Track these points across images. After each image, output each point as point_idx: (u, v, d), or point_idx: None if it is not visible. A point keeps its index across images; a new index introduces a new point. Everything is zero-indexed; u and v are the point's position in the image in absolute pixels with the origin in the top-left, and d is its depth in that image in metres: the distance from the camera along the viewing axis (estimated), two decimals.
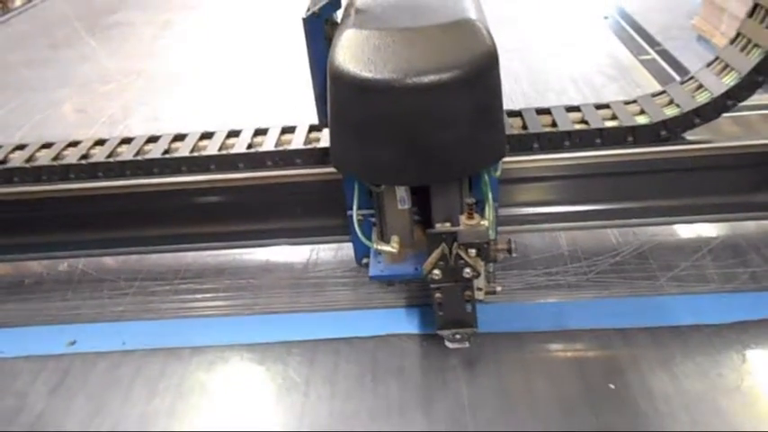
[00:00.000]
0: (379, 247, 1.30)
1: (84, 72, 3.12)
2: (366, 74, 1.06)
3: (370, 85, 1.05)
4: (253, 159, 1.42)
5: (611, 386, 1.21)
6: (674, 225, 1.54)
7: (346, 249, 1.65)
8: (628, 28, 3.09)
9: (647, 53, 2.77)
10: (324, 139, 1.46)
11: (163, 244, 1.56)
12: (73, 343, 1.46)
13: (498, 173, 1.31)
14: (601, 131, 1.37)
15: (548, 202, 1.46)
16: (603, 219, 1.46)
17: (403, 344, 1.35)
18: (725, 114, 1.47)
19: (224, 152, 1.44)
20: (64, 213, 1.54)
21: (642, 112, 1.44)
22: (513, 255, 1.27)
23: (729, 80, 1.43)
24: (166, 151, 1.47)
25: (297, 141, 1.46)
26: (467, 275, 1.15)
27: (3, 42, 3.75)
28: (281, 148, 1.43)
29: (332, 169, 1.40)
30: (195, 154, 1.45)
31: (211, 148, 1.45)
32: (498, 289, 1.29)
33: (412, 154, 1.11)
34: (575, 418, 1.15)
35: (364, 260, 1.43)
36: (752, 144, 1.39)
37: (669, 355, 1.25)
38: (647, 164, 1.39)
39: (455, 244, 1.13)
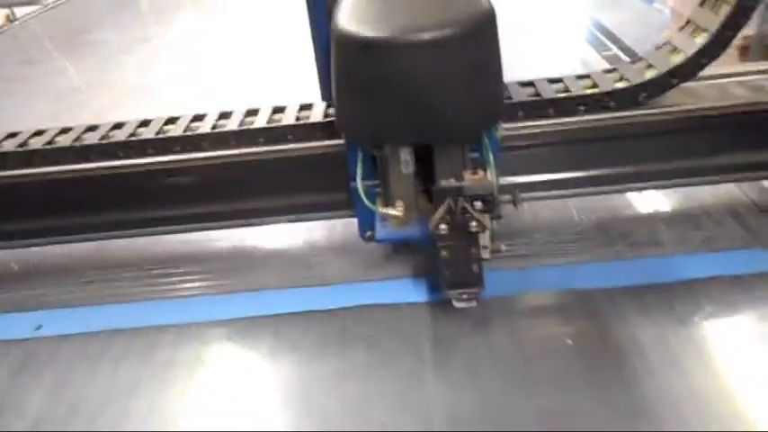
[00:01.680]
0: (384, 211, 1.32)
1: (58, 85, 3.12)
2: (369, 33, 1.10)
3: (372, 44, 1.10)
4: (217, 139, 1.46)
5: (569, 341, 1.24)
6: (630, 193, 1.59)
7: (320, 229, 1.67)
8: (603, 38, 3.17)
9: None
10: (287, 118, 1.49)
11: (127, 228, 1.57)
12: (39, 328, 1.45)
13: (499, 134, 1.32)
14: (552, 101, 1.42)
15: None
16: (560, 188, 1.50)
17: (372, 314, 1.37)
18: None
19: (189, 133, 1.47)
20: (30, 200, 1.54)
21: (594, 85, 1.50)
22: (518, 207, 1.30)
23: (676, 59, 1.50)
24: (132, 135, 1.50)
25: (260, 121, 1.49)
26: (473, 229, 1.17)
27: None
28: (244, 128, 1.46)
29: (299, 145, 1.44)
30: (160, 136, 1.47)
31: (177, 131, 1.48)
32: (503, 248, 1.30)
33: (415, 111, 1.14)
34: (532, 371, 1.18)
35: (368, 233, 1.43)
36: (702, 107, 1.44)
37: (624, 312, 1.29)
38: (599, 131, 1.44)
39: (461, 198, 1.16)
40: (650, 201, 1.63)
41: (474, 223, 1.17)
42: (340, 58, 1.17)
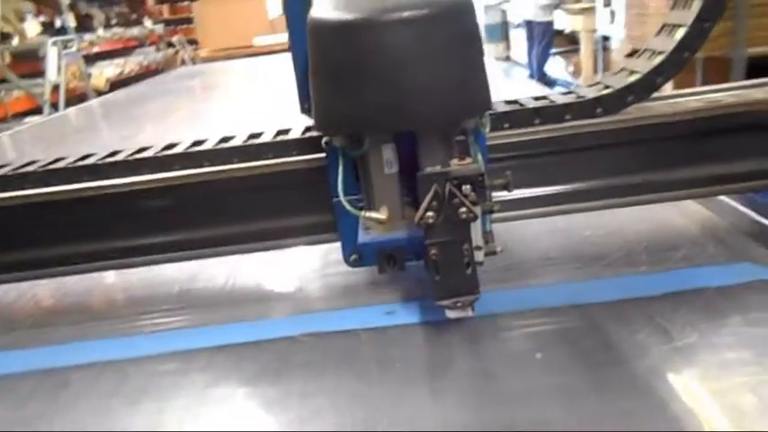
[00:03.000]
0: (368, 215, 1.20)
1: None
2: (344, 16, 1.06)
3: (348, 27, 1.05)
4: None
5: (538, 356, 1.08)
6: (596, 214, 1.49)
7: (286, 258, 1.55)
8: None
9: None
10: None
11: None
12: None
13: (487, 129, 1.24)
14: (506, 114, 1.38)
15: None
16: (527, 207, 1.40)
17: (314, 341, 1.22)
18: None
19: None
20: None
21: (551, 102, 1.47)
22: (511, 191, 1.19)
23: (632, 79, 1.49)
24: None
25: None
26: (463, 216, 1.05)
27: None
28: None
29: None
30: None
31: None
32: (499, 249, 1.17)
33: (394, 96, 1.07)
34: (497, 385, 1.02)
35: (353, 257, 1.28)
36: (657, 114, 1.39)
37: (595, 325, 1.14)
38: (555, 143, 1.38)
39: (448, 183, 1.05)
40: (621, 223, 1.54)
41: (464, 209, 1.05)
42: (315, 48, 1.12)
